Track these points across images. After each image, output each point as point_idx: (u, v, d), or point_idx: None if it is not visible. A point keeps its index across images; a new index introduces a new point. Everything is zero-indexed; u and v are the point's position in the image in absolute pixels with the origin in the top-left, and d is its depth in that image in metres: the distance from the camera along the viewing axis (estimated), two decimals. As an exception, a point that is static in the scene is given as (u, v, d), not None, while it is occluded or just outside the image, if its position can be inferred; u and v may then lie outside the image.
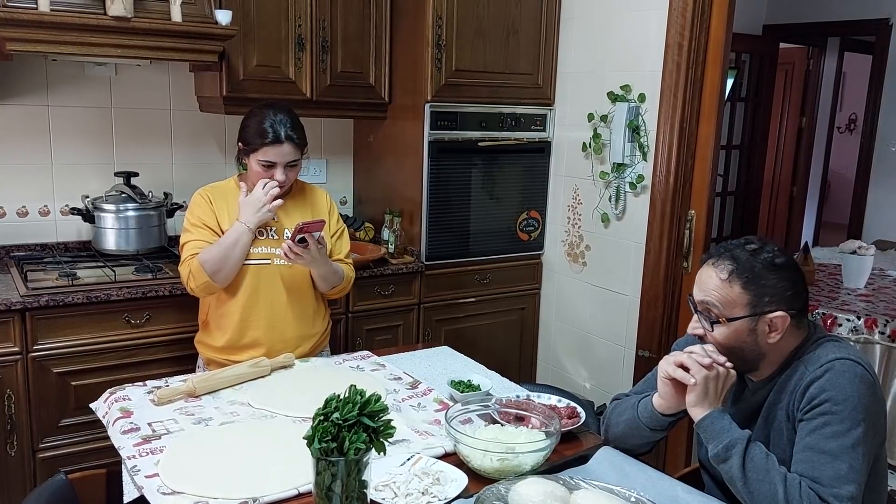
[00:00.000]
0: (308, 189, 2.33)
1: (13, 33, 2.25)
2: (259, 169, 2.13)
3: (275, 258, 2.17)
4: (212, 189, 2.23)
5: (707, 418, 1.44)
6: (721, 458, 1.40)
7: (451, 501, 1.40)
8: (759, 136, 5.58)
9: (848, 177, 6.33)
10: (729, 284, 1.45)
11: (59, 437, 2.45)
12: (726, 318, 1.46)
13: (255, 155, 2.12)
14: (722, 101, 2.75)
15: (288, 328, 2.21)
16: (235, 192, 2.20)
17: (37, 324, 2.36)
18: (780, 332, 1.46)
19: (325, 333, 2.35)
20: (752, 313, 1.45)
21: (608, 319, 3.12)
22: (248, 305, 2.17)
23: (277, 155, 2.11)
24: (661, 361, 1.54)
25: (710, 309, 1.47)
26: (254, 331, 2.18)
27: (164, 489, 1.41)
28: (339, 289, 2.30)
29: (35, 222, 2.87)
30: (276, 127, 2.10)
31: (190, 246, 2.14)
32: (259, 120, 2.12)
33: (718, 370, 1.45)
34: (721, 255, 1.49)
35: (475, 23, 3.01)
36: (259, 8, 2.76)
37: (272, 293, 2.18)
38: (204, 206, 2.18)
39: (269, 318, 2.18)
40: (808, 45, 5.99)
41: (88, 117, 2.89)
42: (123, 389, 1.87)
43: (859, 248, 3.50)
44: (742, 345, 1.47)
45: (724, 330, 1.46)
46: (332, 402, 1.31)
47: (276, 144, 2.10)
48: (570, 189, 3.26)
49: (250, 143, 2.13)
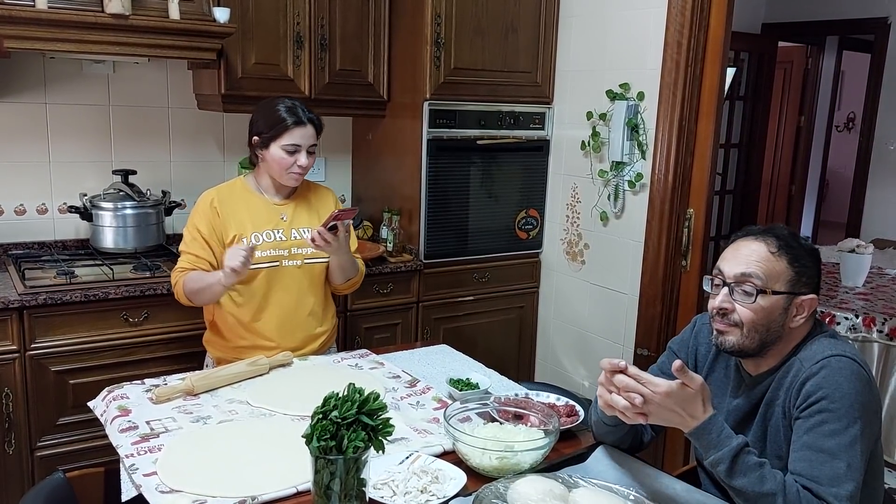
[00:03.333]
0: (314, 188, 2.34)
1: (11, 31, 2.24)
2: (283, 155, 2.13)
3: (283, 260, 2.18)
4: (219, 192, 2.21)
5: (692, 436, 1.39)
6: (714, 471, 1.40)
7: (449, 500, 1.40)
8: (758, 135, 5.58)
9: (846, 175, 6.33)
10: (777, 258, 1.46)
11: (56, 436, 2.45)
12: (771, 290, 1.45)
13: (280, 141, 2.12)
14: (721, 99, 2.75)
15: (298, 328, 2.23)
16: (244, 193, 2.21)
17: (34, 322, 2.35)
18: (805, 315, 1.47)
19: (333, 330, 2.37)
20: (791, 291, 1.45)
21: (607, 318, 3.12)
22: (258, 308, 2.18)
23: (302, 137, 2.12)
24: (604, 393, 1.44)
25: (753, 280, 1.45)
26: (264, 331, 2.19)
27: (162, 487, 1.41)
28: (352, 282, 2.32)
29: (33, 220, 2.86)
30: (296, 110, 2.13)
31: (183, 260, 2.16)
32: (276, 108, 2.14)
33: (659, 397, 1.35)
34: (762, 232, 1.50)
35: (474, 21, 3.01)
36: (257, 6, 2.76)
37: (282, 294, 2.19)
38: (208, 217, 2.16)
39: (280, 318, 2.19)
40: (806, 44, 6.00)
41: (86, 115, 2.89)
42: (122, 388, 1.87)
43: (857, 246, 3.51)
44: (770, 323, 1.46)
45: (762, 304, 1.44)
46: (330, 401, 1.31)
47: (300, 126, 2.12)
48: (568, 187, 3.26)
49: (273, 129, 2.12)
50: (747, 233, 1.53)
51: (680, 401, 1.36)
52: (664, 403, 1.35)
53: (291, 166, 2.14)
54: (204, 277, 2.11)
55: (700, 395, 1.36)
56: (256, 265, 2.12)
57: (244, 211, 2.18)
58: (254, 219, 2.18)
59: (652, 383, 1.36)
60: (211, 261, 2.14)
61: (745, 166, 5.58)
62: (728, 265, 1.49)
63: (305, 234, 2.19)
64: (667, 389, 1.35)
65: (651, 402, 1.35)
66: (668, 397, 1.35)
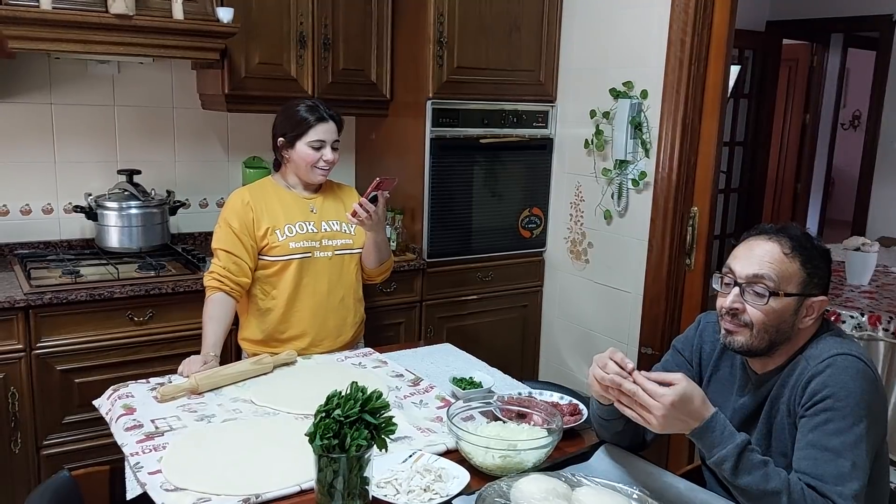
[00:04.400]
0: (338, 186, 2.43)
1: (16, 31, 2.25)
2: (309, 152, 2.21)
3: (315, 251, 2.25)
4: (250, 190, 2.29)
5: (693, 435, 1.38)
6: (717, 471, 1.39)
7: (452, 498, 1.40)
8: (763, 133, 5.57)
9: (852, 173, 6.31)
10: (790, 259, 1.44)
11: (62, 435, 2.46)
12: (784, 292, 1.43)
13: (306, 138, 2.21)
14: (724, 97, 2.74)
15: (330, 317, 2.30)
16: (274, 189, 2.29)
17: (40, 321, 2.37)
18: (814, 316, 1.46)
19: (362, 323, 2.44)
20: (802, 292, 1.44)
21: (611, 316, 3.12)
22: (291, 298, 2.24)
23: (326, 132, 2.22)
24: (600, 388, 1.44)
25: (765, 282, 1.43)
26: (298, 322, 2.26)
27: (166, 486, 1.41)
28: (385, 266, 2.41)
29: (38, 220, 2.87)
30: (317, 108, 2.24)
31: (216, 262, 2.20)
32: (298, 108, 2.23)
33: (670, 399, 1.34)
34: (776, 232, 1.48)
35: (477, 19, 3.00)
36: (260, 5, 2.76)
37: (314, 284, 2.26)
38: (240, 213, 2.21)
39: (312, 309, 2.26)
40: (811, 42, 5.97)
41: (91, 115, 2.90)
42: (126, 386, 1.87)
43: (863, 244, 3.49)
44: (781, 324, 1.44)
45: (773, 306, 1.43)
46: (333, 399, 1.31)
47: (323, 122, 2.22)
48: (572, 186, 3.25)
49: (298, 127, 2.21)
50: (760, 231, 1.50)
51: (683, 406, 1.35)
52: (671, 414, 1.34)
53: (318, 161, 2.23)
54: (208, 320, 2.15)
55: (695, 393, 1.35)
56: (290, 256, 2.22)
57: (276, 205, 2.26)
58: (286, 211, 2.26)
59: (657, 394, 1.34)
60: (241, 255, 2.19)
61: (750, 164, 5.56)
62: (740, 264, 1.47)
63: (335, 227, 2.29)
64: (672, 398, 1.33)
65: (657, 414, 1.34)
66: (674, 407, 1.34)
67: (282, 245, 2.21)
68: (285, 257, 2.22)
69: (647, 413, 1.35)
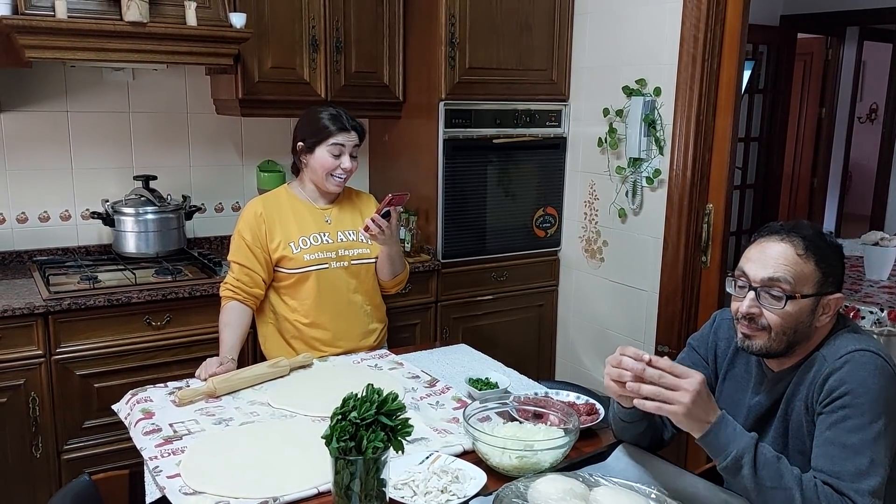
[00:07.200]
0: (355, 194, 2.42)
1: (32, 41, 2.28)
2: (328, 158, 2.22)
3: (331, 262, 2.26)
4: (264, 202, 2.28)
5: (708, 435, 1.36)
6: (731, 471, 1.36)
7: (470, 499, 1.40)
8: (778, 128, 5.51)
9: (869, 167, 6.24)
10: (804, 260, 1.42)
11: (82, 439, 2.49)
12: (800, 294, 1.42)
13: (325, 144, 2.21)
14: (739, 93, 2.72)
15: (353, 325, 2.32)
16: (289, 200, 2.29)
17: (59, 327, 2.39)
18: (830, 314, 1.44)
19: (385, 327, 2.45)
20: (818, 292, 1.42)
21: (626, 315, 3.10)
22: (312, 307, 2.26)
23: (347, 138, 2.22)
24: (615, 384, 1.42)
25: (781, 285, 1.41)
26: (321, 331, 2.27)
27: (185, 489, 1.42)
28: (399, 278, 2.40)
29: (56, 227, 2.91)
30: (340, 117, 2.24)
31: (231, 274, 2.24)
32: (320, 115, 2.24)
33: (697, 389, 1.34)
34: (787, 231, 1.46)
35: (488, 20, 3.00)
36: (273, 10, 2.78)
37: (334, 293, 2.27)
38: (252, 226, 2.23)
39: (334, 317, 2.27)
40: (826, 35, 5.90)
41: (107, 122, 2.92)
42: (145, 391, 1.89)
43: (882, 239, 3.45)
44: (798, 325, 1.43)
45: (790, 309, 1.41)
46: (349, 402, 1.31)
47: (344, 131, 2.22)
48: (586, 185, 3.24)
49: (320, 133, 2.22)
50: (771, 231, 1.48)
51: (705, 392, 1.35)
52: (699, 397, 1.33)
53: (335, 169, 2.22)
54: (224, 327, 2.19)
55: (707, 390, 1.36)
56: (306, 268, 2.22)
57: (290, 217, 2.26)
58: (300, 223, 2.26)
59: (687, 373, 1.34)
60: (254, 267, 2.22)
61: (765, 160, 5.51)
62: (753, 268, 1.45)
63: (351, 237, 2.29)
64: (701, 378, 1.34)
65: (689, 389, 1.33)
66: (702, 388, 1.33)
67: (296, 258, 2.22)
68: (301, 270, 2.22)
69: (675, 394, 1.33)
